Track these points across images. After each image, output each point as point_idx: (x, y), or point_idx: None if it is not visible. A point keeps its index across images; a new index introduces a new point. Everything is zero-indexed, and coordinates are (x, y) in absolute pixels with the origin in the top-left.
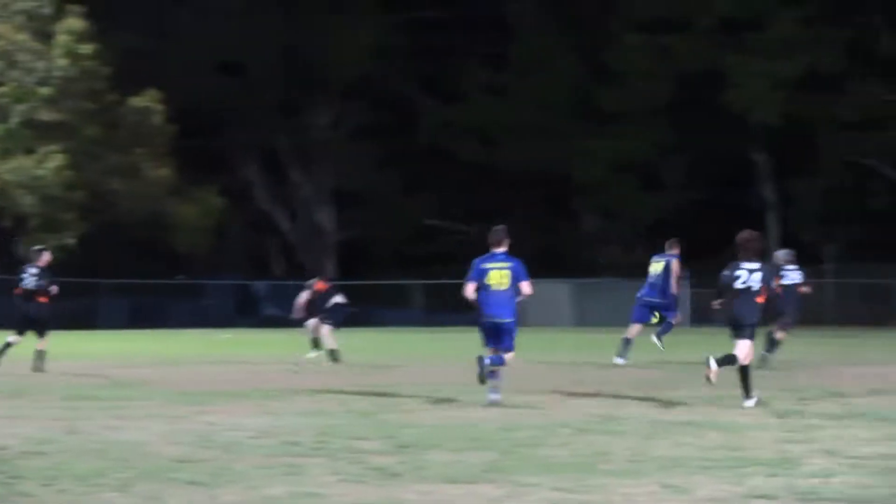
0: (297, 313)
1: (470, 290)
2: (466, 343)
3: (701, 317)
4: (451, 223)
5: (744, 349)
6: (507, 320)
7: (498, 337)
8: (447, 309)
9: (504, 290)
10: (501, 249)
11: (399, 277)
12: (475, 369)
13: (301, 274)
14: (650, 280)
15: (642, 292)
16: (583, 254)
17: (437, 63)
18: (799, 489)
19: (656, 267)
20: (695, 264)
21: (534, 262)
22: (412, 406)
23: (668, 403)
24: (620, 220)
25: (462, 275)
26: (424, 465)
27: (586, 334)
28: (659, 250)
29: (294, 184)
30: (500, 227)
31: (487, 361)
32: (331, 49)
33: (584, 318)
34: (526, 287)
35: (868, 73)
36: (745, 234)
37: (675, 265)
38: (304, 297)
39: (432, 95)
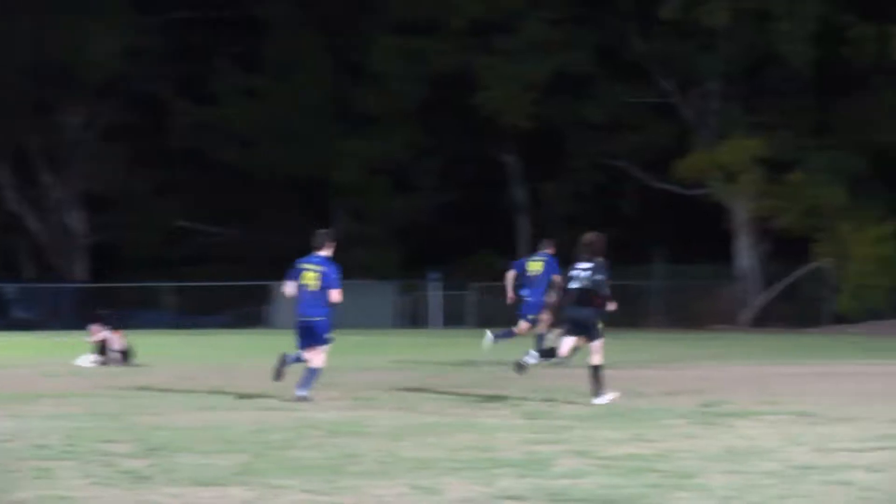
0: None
1: (288, 287)
2: (218, 345)
3: (452, 319)
4: (204, 225)
5: (598, 351)
6: (315, 319)
7: (306, 336)
8: (199, 311)
9: (314, 292)
10: (322, 253)
11: (151, 279)
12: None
13: (52, 276)
14: (529, 279)
15: (524, 292)
16: (336, 256)
17: (191, 64)
18: (549, 490)
19: (535, 266)
20: (447, 266)
21: (287, 264)
22: (163, 409)
23: (418, 404)
24: (373, 222)
25: (215, 276)
26: (175, 468)
27: (338, 336)
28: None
29: (44, 185)
30: (324, 230)
31: (293, 358)
32: (83, 49)
33: (337, 320)
34: (334, 295)
35: (616, 75)
36: (587, 236)
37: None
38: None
39: (186, 96)
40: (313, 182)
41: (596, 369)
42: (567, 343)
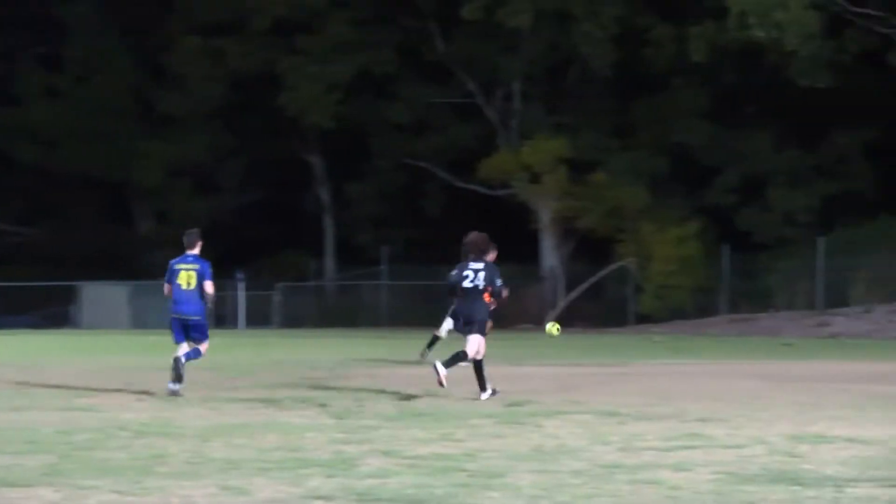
0: None
1: (168, 289)
2: (24, 346)
3: (257, 319)
4: (7, 225)
5: (474, 345)
6: (194, 318)
7: (186, 332)
8: (4, 311)
9: (191, 290)
10: (193, 252)
11: None
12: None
13: None
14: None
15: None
16: (139, 256)
17: None
18: (356, 490)
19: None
20: (252, 266)
21: (92, 264)
22: None
23: (225, 405)
24: (176, 222)
25: (19, 277)
26: None
27: (143, 336)
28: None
29: None
30: (194, 230)
31: (183, 360)
32: None
33: (141, 321)
34: (208, 286)
35: (420, 76)
36: (472, 236)
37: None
38: None
39: None
40: (116, 183)
41: (473, 362)
42: (473, 343)
